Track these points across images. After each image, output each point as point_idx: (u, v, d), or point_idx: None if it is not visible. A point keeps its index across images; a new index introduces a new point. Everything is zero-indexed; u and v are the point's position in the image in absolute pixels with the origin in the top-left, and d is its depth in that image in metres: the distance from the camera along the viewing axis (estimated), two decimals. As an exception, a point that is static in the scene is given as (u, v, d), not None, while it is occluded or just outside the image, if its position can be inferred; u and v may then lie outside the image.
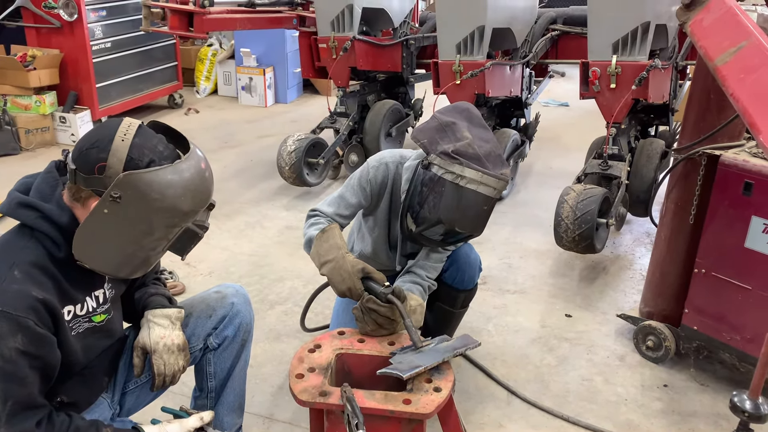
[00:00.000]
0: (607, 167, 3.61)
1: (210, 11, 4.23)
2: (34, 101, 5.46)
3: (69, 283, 1.53)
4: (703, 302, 2.59)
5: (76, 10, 5.42)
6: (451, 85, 4.02)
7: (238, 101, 7.19)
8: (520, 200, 4.61)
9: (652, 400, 2.59)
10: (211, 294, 1.92)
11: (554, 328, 3.07)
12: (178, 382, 1.79)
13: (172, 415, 1.75)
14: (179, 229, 1.52)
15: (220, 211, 4.10)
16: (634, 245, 3.90)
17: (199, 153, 1.54)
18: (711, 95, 2.45)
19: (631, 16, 3.31)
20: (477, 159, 1.99)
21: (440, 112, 2.19)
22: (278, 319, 3.10)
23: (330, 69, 4.66)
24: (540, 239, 3.94)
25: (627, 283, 3.47)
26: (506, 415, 2.50)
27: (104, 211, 1.43)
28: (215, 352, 1.89)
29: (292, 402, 2.08)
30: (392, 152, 2.34)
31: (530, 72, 4.63)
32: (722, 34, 1.83)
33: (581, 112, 6.65)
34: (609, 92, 3.45)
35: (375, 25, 4.90)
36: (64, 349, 1.53)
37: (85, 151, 1.45)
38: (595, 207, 3.27)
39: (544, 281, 3.52)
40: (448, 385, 1.78)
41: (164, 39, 6.39)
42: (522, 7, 4.33)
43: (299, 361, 1.86)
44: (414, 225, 2.16)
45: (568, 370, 2.77)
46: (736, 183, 2.37)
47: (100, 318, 1.65)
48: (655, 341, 2.76)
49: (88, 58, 5.60)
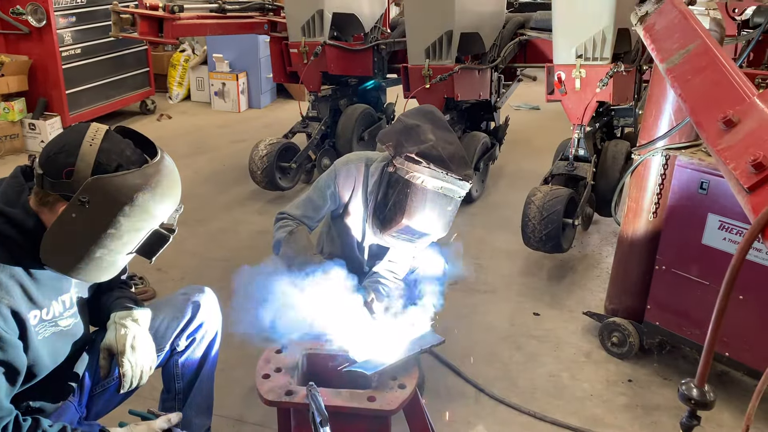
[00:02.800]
0: (572, 168, 3.68)
1: (180, 17, 4.23)
2: (3, 108, 5.40)
3: (35, 288, 1.54)
4: (665, 298, 2.66)
5: (44, 16, 5.38)
6: (421, 89, 4.07)
7: (211, 107, 7.17)
8: (491, 202, 4.67)
9: (616, 395, 2.65)
10: (178, 296, 1.94)
11: (523, 327, 3.13)
12: (146, 384, 1.80)
13: (139, 417, 1.76)
14: (147, 232, 1.54)
15: (191, 217, 4.10)
16: (601, 244, 3.98)
17: (167, 157, 1.56)
18: (668, 96, 2.52)
19: (592, 21, 3.38)
20: (441, 161, 2.04)
21: (405, 115, 2.23)
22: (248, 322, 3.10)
23: (301, 74, 4.68)
24: (510, 240, 4.00)
25: (594, 282, 3.55)
26: (474, 412, 2.54)
27: (72, 215, 1.44)
28: (182, 354, 1.91)
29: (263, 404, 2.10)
30: (358, 155, 2.37)
31: (499, 76, 4.70)
32: (673, 37, 1.89)
33: (552, 115, 6.74)
34: (574, 95, 3.52)
35: (346, 30, 4.93)
36: (30, 354, 1.54)
37: (52, 155, 1.46)
38: (561, 207, 3.33)
39: (513, 280, 3.58)
40: (413, 382, 1.82)
41: (136, 45, 6.35)
42: (490, 12, 4.40)
43: (266, 362, 1.89)
44: (381, 226, 2.20)
45: (535, 367, 2.83)
46: (693, 181, 2.45)
47: (67, 322, 1.65)
48: (620, 337, 2.83)
49: (57, 65, 5.56)
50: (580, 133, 3.65)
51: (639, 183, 2.72)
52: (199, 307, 1.91)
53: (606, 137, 4.21)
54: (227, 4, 4.76)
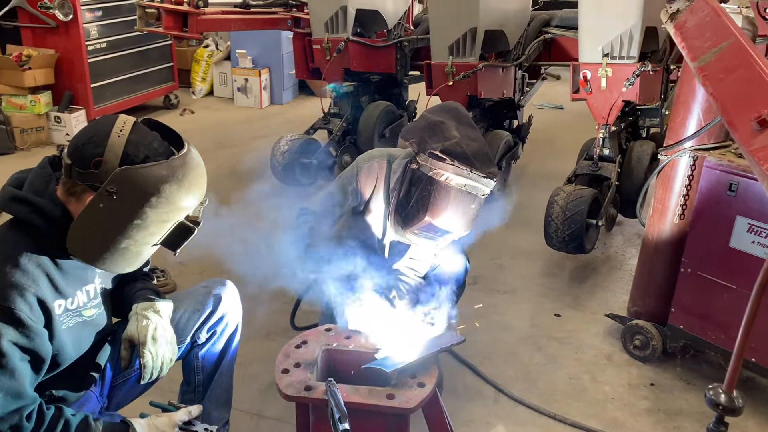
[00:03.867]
0: (597, 168, 3.63)
1: (204, 12, 4.24)
2: (29, 101, 5.48)
3: (61, 278, 1.55)
4: (690, 301, 2.62)
5: (71, 10, 5.44)
6: (444, 86, 4.05)
7: (233, 102, 7.21)
8: (513, 201, 4.63)
9: (638, 399, 2.61)
10: (200, 289, 1.94)
11: (543, 328, 3.09)
12: (166, 376, 1.81)
13: (160, 409, 1.77)
14: (173, 224, 1.54)
15: (211, 211, 4.12)
16: (624, 246, 3.93)
17: (193, 150, 1.56)
18: (697, 96, 2.48)
19: (620, 19, 3.34)
20: (465, 158, 2.02)
21: (429, 111, 2.21)
22: (268, 317, 3.11)
23: (324, 70, 4.68)
24: (531, 240, 3.96)
25: (617, 284, 3.50)
26: (493, 412, 2.52)
27: (99, 205, 1.45)
28: (203, 347, 1.92)
29: (281, 399, 2.10)
30: (381, 151, 2.36)
31: (523, 74, 4.66)
32: (705, 35, 1.85)
33: (576, 114, 6.67)
34: (599, 94, 3.48)
35: (369, 27, 4.92)
36: (54, 343, 1.55)
37: (81, 146, 1.47)
38: (584, 207, 3.29)
39: (534, 281, 3.54)
40: (432, 381, 1.81)
41: (160, 40, 6.40)
42: (515, 9, 4.36)
43: (285, 357, 1.88)
44: (403, 223, 2.18)
45: (555, 368, 2.80)
46: (722, 183, 2.40)
47: (91, 312, 1.67)
48: (643, 340, 2.79)
49: (83, 58, 5.62)
50: (605, 133, 3.61)
51: (665, 184, 2.67)
52: (220, 300, 1.91)
53: (631, 137, 4.16)
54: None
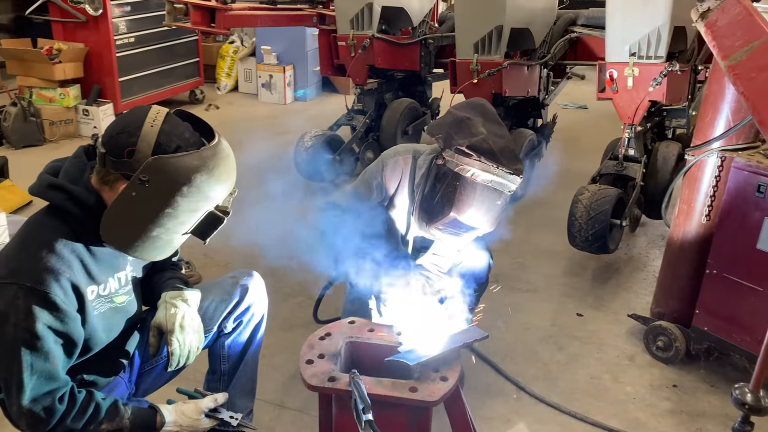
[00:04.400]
0: (622, 168, 3.61)
1: (231, 7, 4.30)
2: (59, 94, 5.58)
3: (94, 264, 1.59)
4: (715, 303, 2.59)
5: (101, 5, 5.54)
6: (468, 84, 4.05)
7: (257, 98, 7.27)
8: (536, 200, 4.60)
9: (660, 400, 2.60)
10: (227, 279, 1.97)
11: (565, 327, 3.09)
12: (192, 366, 1.84)
13: (186, 395, 1.80)
14: (203, 213, 1.57)
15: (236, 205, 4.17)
16: (648, 247, 3.90)
17: (224, 142, 1.59)
18: (726, 96, 2.45)
19: (648, 18, 3.31)
20: (491, 154, 2.02)
21: (455, 107, 2.22)
22: (291, 310, 3.16)
23: (348, 67, 4.70)
24: (554, 239, 3.94)
25: (640, 285, 3.48)
26: (514, 410, 2.53)
27: (132, 193, 1.48)
28: (229, 336, 1.95)
29: (303, 390, 2.12)
30: (406, 147, 2.37)
31: (548, 73, 4.64)
32: (736, 34, 1.84)
33: (600, 114, 6.62)
34: (625, 93, 3.46)
35: (394, 24, 4.94)
36: (86, 328, 1.59)
37: (115, 135, 1.51)
38: (608, 207, 3.28)
39: (556, 281, 3.53)
40: (455, 375, 1.81)
41: (187, 35, 6.48)
42: (541, 8, 4.35)
43: (309, 348, 1.90)
44: (427, 219, 2.19)
45: (577, 368, 2.79)
46: (750, 184, 2.38)
47: (122, 299, 1.71)
48: (666, 341, 2.77)
49: (111, 53, 5.71)
50: (630, 133, 3.58)
51: (692, 184, 2.65)
52: (247, 290, 1.94)
53: (657, 138, 4.12)
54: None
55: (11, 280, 1.47)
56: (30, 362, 1.47)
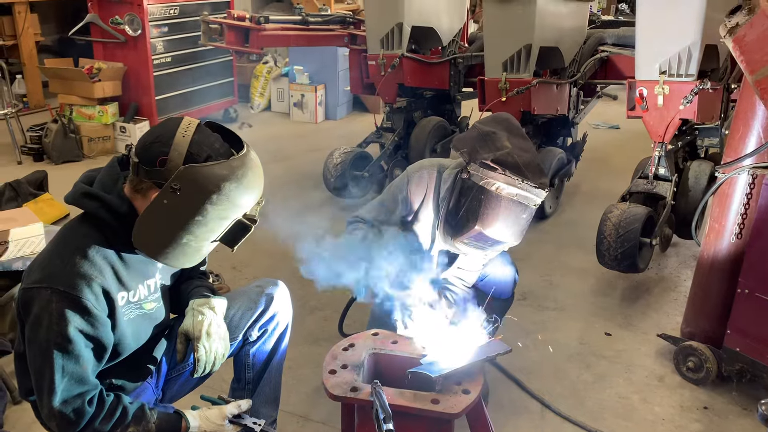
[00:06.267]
0: (652, 187, 3.57)
1: (265, 27, 4.40)
2: (98, 111, 5.75)
3: (125, 271, 1.64)
4: (747, 323, 2.53)
5: (140, 26, 5.72)
6: (497, 101, 4.06)
7: (289, 117, 7.39)
8: (565, 219, 4.58)
9: (690, 422, 2.54)
10: (253, 288, 2.01)
11: (593, 346, 3.05)
12: (217, 374, 1.87)
13: (210, 402, 1.83)
14: (231, 221, 1.62)
15: (266, 219, 4.23)
16: (679, 267, 3.83)
17: (252, 152, 1.64)
18: (757, 112, 2.42)
19: (678, 37, 3.29)
20: (516, 168, 2.03)
21: (480, 122, 2.24)
22: (317, 323, 3.18)
23: (378, 85, 4.76)
24: (583, 258, 3.91)
25: (670, 305, 3.41)
26: (539, 427, 2.50)
27: (164, 201, 1.53)
28: (254, 345, 1.97)
29: (327, 403, 2.14)
30: (431, 161, 2.40)
31: (578, 91, 4.63)
32: (764, 49, 1.83)
33: (632, 134, 6.56)
34: (656, 112, 3.43)
35: (424, 44, 4.99)
36: (116, 333, 1.64)
37: (148, 145, 1.56)
38: (638, 226, 3.24)
39: (584, 299, 3.49)
40: (477, 388, 1.81)
41: (221, 55, 6.63)
42: (570, 27, 4.35)
43: (333, 358, 1.92)
44: (452, 233, 2.20)
45: (604, 387, 2.75)
46: (782, 202, 2.34)
47: (150, 306, 1.75)
48: (696, 362, 2.71)
49: (149, 72, 5.88)
50: (661, 151, 3.55)
51: (723, 202, 2.61)
52: (272, 299, 1.97)
53: (689, 157, 4.07)
54: (310, 16, 4.93)
55: (45, 285, 1.52)
56: (61, 365, 1.52)
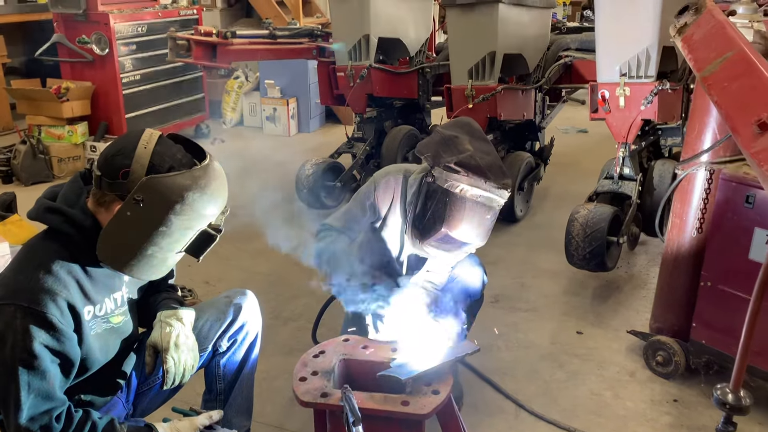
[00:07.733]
0: (617, 187, 3.64)
1: (232, 42, 4.41)
2: (67, 131, 5.69)
3: (90, 285, 1.64)
4: (711, 316, 2.60)
5: (107, 44, 5.69)
6: (464, 108, 4.11)
7: (262, 131, 7.39)
8: (536, 222, 4.64)
9: (661, 415, 2.59)
10: (221, 299, 2.01)
11: (565, 345, 3.09)
12: (188, 386, 1.87)
13: (182, 414, 1.83)
14: (196, 231, 1.62)
15: (239, 234, 4.21)
16: (648, 265, 3.90)
17: (215, 162, 1.65)
18: (712, 110, 2.50)
19: (636, 39, 3.37)
20: (479, 170, 2.07)
21: (443, 127, 2.28)
22: (291, 334, 3.18)
23: (347, 96, 4.79)
24: (554, 260, 3.96)
25: (640, 302, 3.48)
26: (513, 427, 2.52)
27: (127, 213, 1.54)
28: (224, 355, 1.97)
29: (302, 413, 2.14)
30: (397, 167, 2.43)
31: (543, 96, 4.71)
32: (710, 46, 1.89)
33: (600, 137, 6.66)
34: (618, 113, 3.51)
35: (391, 54, 5.04)
36: (83, 348, 1.63)
37: (110, 158, 1.57)
38: (604, 225, 3.30)
39: (556, 299, 3.54)
40: (447, 388, 1.83)
41: (191, 72, 6.62)
42: (534, 35, 4.43)
43: (303, 365, 1.93)
44: (420, 236, 2.23)
45: (577, 384, 2.79)
46: (738, 195, 2.40)
47: (118, 320, 1.75)
48: (665, 356, 2.76)
49: (118, 90, 5.84)
50: (624, 152, 3.62)
51: (683, 198, 2.68)
52: (240, 309, 1.97)
53: (653, 156, 4.16)
54: (278, 30, 4.95)
55: (9, 301, 1.52)
56: (27, 381, 1.51)
